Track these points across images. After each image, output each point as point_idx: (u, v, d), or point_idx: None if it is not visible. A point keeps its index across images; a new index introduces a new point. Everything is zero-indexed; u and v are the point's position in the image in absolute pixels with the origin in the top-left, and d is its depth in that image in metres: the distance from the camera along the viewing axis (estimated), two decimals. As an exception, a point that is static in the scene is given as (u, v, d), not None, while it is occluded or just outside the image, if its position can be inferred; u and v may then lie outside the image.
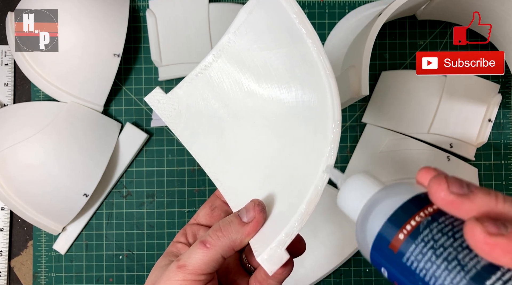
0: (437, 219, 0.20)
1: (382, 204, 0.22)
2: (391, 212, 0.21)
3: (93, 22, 0.50)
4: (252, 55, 0.32)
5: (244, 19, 0.31)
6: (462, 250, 0.18)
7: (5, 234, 0.55)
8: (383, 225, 0.21)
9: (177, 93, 0.34)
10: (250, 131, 0.33)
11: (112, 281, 0.55)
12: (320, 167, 0.28)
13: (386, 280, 0.55)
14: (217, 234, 0.29)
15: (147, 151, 0.55)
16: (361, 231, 0.22)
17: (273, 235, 0.28)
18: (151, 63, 0.55)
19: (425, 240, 0.19)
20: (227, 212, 0.35)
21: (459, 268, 0.18)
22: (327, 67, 0.27)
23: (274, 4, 0.28)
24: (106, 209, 0.55)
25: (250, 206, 0.30)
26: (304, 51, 0.28)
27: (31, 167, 0.49)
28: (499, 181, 0.55)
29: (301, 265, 0.52)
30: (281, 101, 0.31)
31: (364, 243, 0.22)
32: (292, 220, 0.28)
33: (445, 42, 0.55)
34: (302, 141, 0.30)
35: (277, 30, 0.30)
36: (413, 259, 0.19)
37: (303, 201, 0.28)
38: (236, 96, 0.33)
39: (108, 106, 0.55)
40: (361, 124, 0.55)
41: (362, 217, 0.23)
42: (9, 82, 0.56)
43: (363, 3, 0.55)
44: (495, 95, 0.53)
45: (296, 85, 0.30)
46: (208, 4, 0.53)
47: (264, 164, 0.33)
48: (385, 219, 0.21)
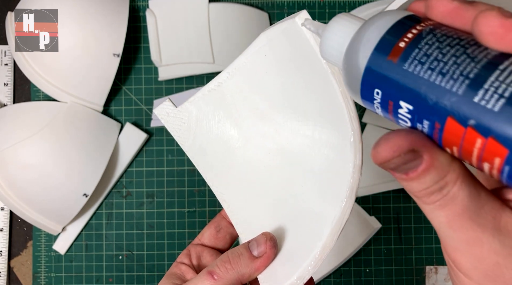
0: (439, 27, 0.19)
1: (374, 26, 0.20)
2: (387, 28, 0.20)
3: (93, 22, 0.50)
4: (269, 79, 0.31)
5: (264, 43, 0.30)
6: (470, 46, 0.18)
7: (5, 234, 0.55)
8: (380, 40, 0.20)
9: (188, 107, 0.33)
10: (262, 155, 0.32)
11: (111, 281, 0.54)
12: (336, 211, 0.27)
13: (386, 280, 0.55)
14: (226, 266, 0.29)
15: (147, 151, 0.55)
16: (349, 62, 0.21)
17: (284, 276, 0.28)
18: (151, 63, 0.55)
19: (429, 43, 0.18)
20: (233, 235, 0.35)
21: (468, 60, 0.17)
22: (352, 110, 0.27)
23: (301, 39, 0.28)
24: (106, 209, 0.55)
25: (261, 239, 0.29)
26: (327, 90, 0.28)
27: (31, 166, 0.49)
28: (499, 181, 0.55)
29: (301, 265, 0.52)
30: (297, 131, 0.31)
31: (354, 71, 0.21)
32: (305, 264, 0.27)
33: (445, 42, 0.55)
34: (317, 176, 0.30)
35: (298, 61, 0.29)
36: (417, 62, 0.18)
37: (317, 245, 0.27)
38: (249, 118, 0.32)
39: (108, 106, 0.55)
40: (361, 124, 0.55)
41: (350, 47, 0.21)
42: (9, 82, 0.56)
43: (363, 3, 0.55)
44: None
45: (315, 119, 0.30)
46: (208, 4, 0.53)
47: (275, 191, 0.32)
48: (381, 35, 0.20)
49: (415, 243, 0.55)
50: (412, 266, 0.55)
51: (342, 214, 0.27)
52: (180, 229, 0.55)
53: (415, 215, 0.55)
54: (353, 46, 0.21)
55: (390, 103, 0.20)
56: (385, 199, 0.55)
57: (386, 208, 0.55)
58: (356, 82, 0.21)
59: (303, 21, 0.27)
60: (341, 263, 0.52)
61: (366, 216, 0.51)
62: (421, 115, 0.18)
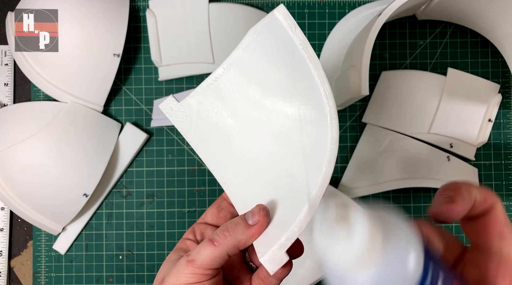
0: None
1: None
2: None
3: (93, 22, 0.50)
4: (259, 70, 0.34)
5: (252, 38, 0.33)
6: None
7: (5, 234, 0.55)
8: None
9: (189, 102, 0.37)
10: (256, 140, 0.36)
11: (112, 281, 0.55)
12: (319, 179, 0.31)
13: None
14: (224, 234, 0.32)
15: (147, 151, 0.55)
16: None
17: (275, 238, 0.31)
18: (151, 63, 0.55)
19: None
20: (233, 213, 0.38)
21: None
22: (327, 90, 0.30)
23: (281, 30, 0.31)
24: (106, 209, 0.55)
25: (255, 210, 0.33)
26: (306, 73, 0.31)
27: (31, 167, 0.49)
28: (499, 181, 0.55)
29: (301, 265, 0.52)
30: (285, 114, 0.34)
31: None
32: (292, 226, 0.30)
33: (445, 42, 0.55)
34: (304, 153, 0.33)
35: (283, 51, 0.32)
36: None
37: (302, 209, 0.30)
38: (244, 106, 0.36)
39: (108, 106, 0.55)
40: (361, 124, 0.55)
41: None
42: (9, 82, 0.56)
43: (363, 3, 0.55)
44: (495, 95, 0.53)
45: (299, 101, 0.33)
46: (208, 4, 0.53)
47: (268, 171, 0.35)
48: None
49: (415, 243, 0.55)
50: (412, 266, 0.55)
51: (323, 180, 0.30)
52: (180, 229, 0.55)
53: (415, 215, 0.55)
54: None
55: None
56: (385, 198, 0.55)
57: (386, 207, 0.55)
58: None
59: (282, 15, 0.31)
60: (341, 263, 0.53)
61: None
62: None
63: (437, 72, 0.54)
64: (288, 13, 0.31)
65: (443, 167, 0.53)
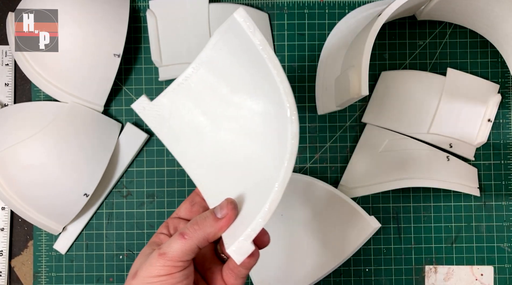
0: None
1: None
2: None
3: (93, 22, 0.50)
4: (227, 68, 0.36)
5: (218, 38, 0.35)
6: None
7: (5, 234, 0.55)
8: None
9: (161, 100, 0.38)
10: (227, 136, 0.37)
11: (112, 281, 0.55)
12: (281, 173, 0.32)
13: (386, 280, 0.55)
14: (194, 227, 0.33)
15: (147, 151, 0.55)
16: None
17: (241, 230, 0.32)
18: (151, 63, 0.55)
19: None
20: (205, 208, 0.39)
21: None
22: (286, 87, 0.31)
23: (241, 31, 0.32)
24: (107, 209, 0.55)
25: (224, 203, 0.34)
26: (267, 73, 0.32)
27: (31, 167, 0.49)
28: (498, 181, 0.55)
29: (301, 265, 0.52)
30: (253, 110, 0.36)
31: None
32: (257, 217, 0.31)
33: (445, 42, 0.55)
34: (270, 148, 0.35)
35: (246, 51, 0.33)
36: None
37: (267, 201, 0.32)
38: (214, 104, 0.37)
39: (108, 107, 0.55)
40: (361, 124, 0.55)
41: None
42: (9, 82, 0.56)
43: (363, 3, 0.55)
44: (494, 95, 0.53)
45: (264, 98, 0.35)
46: (208, 4, 0.53)
47: (239, 166, 0.37)
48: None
49: (415, 242, 0.55)
50: (412, 266, 0.55)
51: (285, 173, 0.31)
52: (180, 228, 0.55)
53: (414, 215, 0.55)
54: None
55: None
56: (385, 198, 0.55)
57: (386, 207, 0.55)
58: None
59: (242, 17, 0.32)
60: (340, 262, 0.53)
61: (365, 216, 0.52)
62: None
63: (437, 72, 0.54)
64: (248, 16, 0.32)
65: (443, 167, 0.53)
